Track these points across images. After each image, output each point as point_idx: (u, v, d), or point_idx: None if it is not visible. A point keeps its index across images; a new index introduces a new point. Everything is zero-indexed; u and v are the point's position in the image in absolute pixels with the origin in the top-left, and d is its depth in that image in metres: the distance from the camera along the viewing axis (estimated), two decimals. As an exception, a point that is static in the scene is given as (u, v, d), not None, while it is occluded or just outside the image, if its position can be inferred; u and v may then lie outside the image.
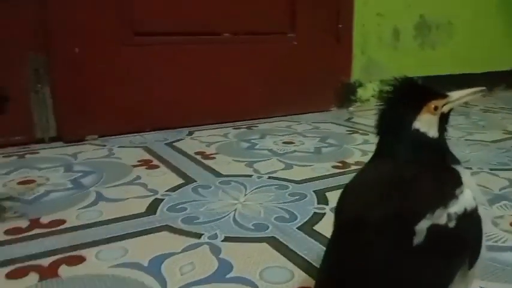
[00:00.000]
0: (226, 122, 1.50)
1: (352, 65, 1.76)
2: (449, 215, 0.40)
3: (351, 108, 1.77)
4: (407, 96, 0.45)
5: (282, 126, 1.48)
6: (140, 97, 1.38)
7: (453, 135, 1.33)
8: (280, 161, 1.09)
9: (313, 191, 0.88)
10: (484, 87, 0.45)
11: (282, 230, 0.72)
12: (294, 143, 1.27)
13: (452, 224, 0.40)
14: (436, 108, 0.44)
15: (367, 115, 1.64)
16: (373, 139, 0.48)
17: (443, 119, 0.44)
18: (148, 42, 1.39)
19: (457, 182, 0.43)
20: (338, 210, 0.46)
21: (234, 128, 1.45)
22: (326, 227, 0.71)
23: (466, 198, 0.41)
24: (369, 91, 1.81)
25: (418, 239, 0.39)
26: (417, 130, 0.45)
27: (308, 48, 1.64)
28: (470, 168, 1.00)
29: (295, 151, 1.18)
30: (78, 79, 1.29)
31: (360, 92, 1.80)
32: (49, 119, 1.30)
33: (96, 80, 1.32)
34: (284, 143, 1.27)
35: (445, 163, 0.44)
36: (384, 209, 0.40)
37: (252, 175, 0.98)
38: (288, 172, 1.01)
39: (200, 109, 1.48)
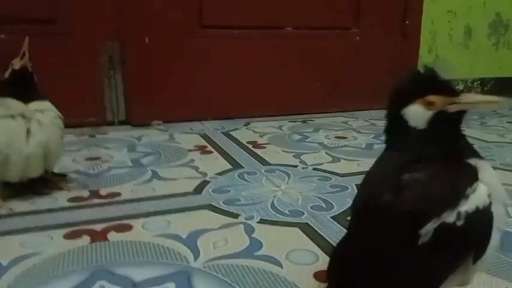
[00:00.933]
0: (283, 115, 1.53)
1: (418, 63, 1.71)
2: (459, 214, 0.40)
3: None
4: (409, 86, 0.45)
5: (337, 121, 1.49)
6: (203, 87, 1.46)
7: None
8: (329, 154, 1.11)
9: (355, 185, 0.89)
10: (502, 98, 0.44)
11: (316, 218, 0.74)
12: (346, 138, 1.27)
13: (460, 223, 0.40)
14: (430, 103, 0.43)
15: (429, 115, 1.59)
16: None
17: (449, 118, 0.43)
18: (214, 34, 1.46)
19: (471, 179, 0.42)
20: (354, 199, 0.48)
21: (290, 121, 1.48)
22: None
23: (478, 196, 0.41)
24: (434, 90, 1.75)
25: (423, 240, 0.40)
26: (402, 120, 0.45)
27: (371, 44, 1.62)
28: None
29: (345, 146, 1.19)
30: (147, 67, 1.39)
31: (426, 91, 1.75)
32: (119, 103, 1.41)
33: (163, 69, 1.41)
34: (336, 137, 1.28)
35: (456, 157, 0.44)
36: (391, 208, 0.41)
37: (298, 165, 1.01)
38: (334, 165, 1.02)
39: (259, 101, 1.52)
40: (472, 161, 0.44)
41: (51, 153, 0.81)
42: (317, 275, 0.57)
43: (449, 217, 0.40)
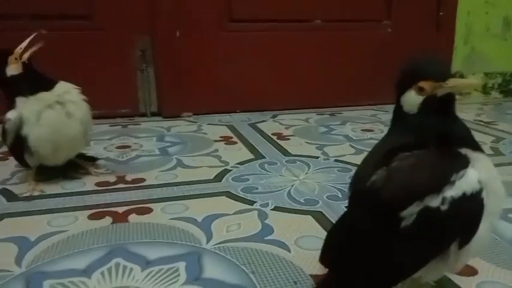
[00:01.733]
0: (311, 108, 1.54)
1: (453, 55, 1.67)
2: (443, 199, 0.41)
3: (447, 101, 1.68)
4: (407, 74, 0.46)
5: (366, 114, 1.48)
6: (232, 80, 1.49)
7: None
8: (352, 146, 1.11)
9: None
10: (479, 82, 0.45)
11: (330, 207, 0.75)
12: (373, 131, 1.27)
13: (444, 208, 0.40)
14: (421, 88, 0.44)
15: (465, 109, 1.55)
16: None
17: (439, 101, 0.43)
18: (243, 28, 1.48)
19: (458, 166, 0.42)
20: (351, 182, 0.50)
21: (318, 114, 1.48)
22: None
23: (467, 183, 0.41)
24: (470, 84, 1.70)
25: (405, 223, 0.41)
26: (401, 107, 0.46)
27: (404, 36, 1.59)
28: None
29: (371, 138, 1.18)
30: (177, 61, 1.43)
31: (461, 84, 1.70)
32: (151, 96, 1.46)
33: (193, 62, 1.45)
34: (363, 130, 1.27)
35: (446, 143, 0.44)
36: (374, 191, 0.42)
37: (319, 157, 1.02)
38: (356, 157, 1.02)
39: (287, 94, 1.53)
40: (463, 151, 0.44)
41: (88, 127, 0.88)
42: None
43: (433, 201, 0.41)
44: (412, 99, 0.44)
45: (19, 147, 0.82)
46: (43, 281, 0.54)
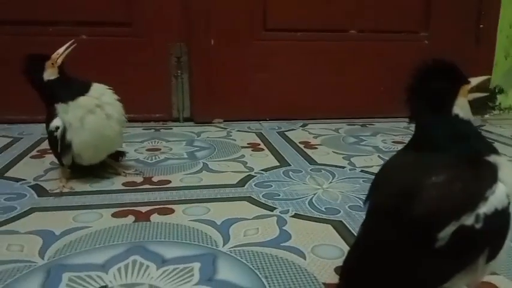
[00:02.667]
0: (343, 118, 1.52)
1: (493, 69, 1.61)
2: (477, 216, 0.39)
3: (486, 116, 1.62)
4: (443, 78, 0.44)
5: (399, 126, 1.45)
6: (264, 88, 1.50)
7: None
8: (381, 157, 1.09)
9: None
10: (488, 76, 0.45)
11: (351, 216, 0.74)
12: (404, 143, 1.23)
13: (479, 226, 0.39)
14: (468, 92, 0.43)
15: (503, 124, 1.49)
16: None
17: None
18: (277, 37, 1.49)
19: (491, 180, 0.41)
20: (369, 194, 0.48)
21: (348, 125, 1.46)
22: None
23: (497, 197, 0.40)
24: (511, 99, 1.64)
25: (440, 243, 0.39)
26: (457, 115, 0.44)
27: (441, 48, 1.54)
28: None
29: (401, 151, 1.16)
30: (211, 68, 1.46)
31: (501, 99, 1.64)
32: (185, 101, 1.49)
33: (226, 70, 1.47)
34: (393, 142, 1.25)
35: (481, 155, 0.43)
36: (410, 210, 0.41)
37: (345, 167, 1.01)
38: (383, 168, 1.00)
39: (319, 104, 1.53)
40: (492, 158, 0.43)
41: (123, 124, 0.91)
42: (338, 270, 0.57)
43: (468, 220, 0.39)
44: (466, 106, 0.44)
45: (63, 150, 0.85)
46: (62, 273, 0.56)
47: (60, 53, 0.86)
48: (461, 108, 0.44)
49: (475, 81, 0.45)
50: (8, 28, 1.34)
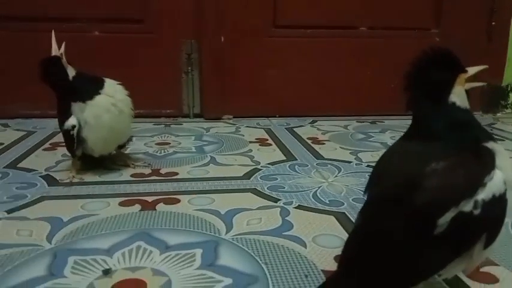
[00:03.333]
0: (352, 115, 1.52)
1: (506, 67, 1.59)
2: (476, 202, 0.40)
3: (498, 114, 1.61)
4: (440, 65, 0.45)
5: (408, 123, 1.44)
6: (274, 85, 1.51)
7: None
8: (388, 153, 1.08)
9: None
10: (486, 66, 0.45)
11: (354, 209, 0.74)
12: (412, 139, 1.23)
13: (477, 212, 0.40)
14: (466, 81, 0.43)
15: (514, 122, 1.48)
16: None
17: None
18: (287, 34, 1.50)
19: (489, 166, 0.42)
20: (370, 183, 0.49)
21: (358, 121, 1.47)
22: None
23: (495, 184, 0.41)
24: (523, 97, 1.62)
25: (439, 230, 0.40)
26: (454, 103, 0.45)
27: (452, 46, 1.53)
28: None
29: (409, 147, 1.15)
30: (221, 65, 1.47)
31: (513, 97, 1.63)
32: (195, 98, 1.51)
33: (236, 67, 1.48)
34: (402, 138, 1.24)
35: (479, 142, 0.44)
36: (410, 197, 0.41)
37: (352, 162, 1.01)
38: (390, 163, 1.00)
39: (328, 101, 1.53)
40: (490, 145, 0.44)
41: (132, 117, 0.93)
42: (338, 258, 0.58)
43: (467, 206, 0.40)
44: (463, 94, 0.44)
45: (77, 146, 0.87)
46: (68, 257, 0.57)
47: (60, 50, 0.85)
48: (457, 96, 0.45)
49: (472, 70, 0.45)
50: (22, 25, 1.37)
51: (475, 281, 0.53)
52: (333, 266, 0.56)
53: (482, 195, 0.40)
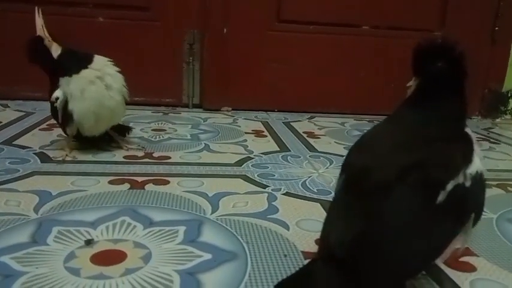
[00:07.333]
0: (351, 113, 1.52)
1: (507, 71, 1.59)
2: (465, 175, 0.42)
3: (497, 120, 1.61)
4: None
5: (406, 124, 1.44)
6: (274, 79, 1.51)
7: None
8: (382, 149, 1.09)
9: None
10: None
11: (341, 198, 0.75)
12: (408, 138, 1.23)
13: (468, 184, 0.42)
14: None
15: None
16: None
17: None
18: (290, 29, 1.50)
19: (471, 145, 0.46)
20: (350, 159, 0.49)
21: (356, 119, 1.47)
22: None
23: (476, 162, 0.44)
24: (524, 104, 1.62)
25: (441, 198, 0.41)
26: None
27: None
28: None
29: (404, 145, 1.16)
30: (222, 57, 1.48)
31: (513, 103, 1.62)
32: (195, 88, 1.52)
33: (237, 59, 1.49)
34: (398, 137, 1.24)
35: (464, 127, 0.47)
36: (416, 170, 0.42)
37: (344, 155, 1.01)
38: (383, 159, 1.00)
39: (328, 98, 1.53)
40: (468, 131, 0.46)
41: (125, 95, 0.93)
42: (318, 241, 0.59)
43: (460, 178, 0.42)
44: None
45: (65, 120, 0.88)
46: (52, 227, 0.58)
47: (42, 28, 0.86)
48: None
49: None
50: (25, 6, 1.38)
51: (453, 269, 0.53)
52: (313, 248, 0.56)
53: (470, 169, 0.43)
